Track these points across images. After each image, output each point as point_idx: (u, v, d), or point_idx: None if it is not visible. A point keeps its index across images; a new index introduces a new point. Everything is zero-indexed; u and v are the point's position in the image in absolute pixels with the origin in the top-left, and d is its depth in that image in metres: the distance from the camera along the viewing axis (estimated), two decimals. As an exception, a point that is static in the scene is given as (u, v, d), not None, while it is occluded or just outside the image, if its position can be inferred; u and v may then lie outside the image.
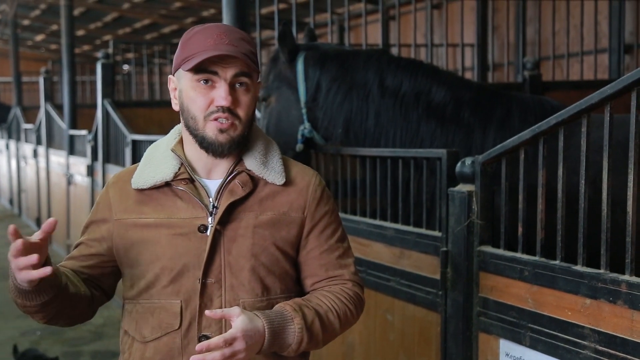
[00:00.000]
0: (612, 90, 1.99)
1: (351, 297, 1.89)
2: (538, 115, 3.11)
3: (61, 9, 9.21)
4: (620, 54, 6.43)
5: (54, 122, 9.93)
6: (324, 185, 1.96)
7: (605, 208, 2.05)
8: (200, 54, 1.74)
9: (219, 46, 1.74)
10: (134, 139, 6.10)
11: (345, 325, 1.89)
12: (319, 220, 1.90)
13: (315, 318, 1.78)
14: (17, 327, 6.22)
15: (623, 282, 1.95)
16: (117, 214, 1.86)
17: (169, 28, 14.17)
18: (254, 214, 1.83)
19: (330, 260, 1.90)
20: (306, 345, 1.77)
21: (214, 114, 1.76)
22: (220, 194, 1.83)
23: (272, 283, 1.85)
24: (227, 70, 1.75)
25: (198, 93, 1.77)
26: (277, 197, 1.87)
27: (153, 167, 1.86)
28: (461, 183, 2.63)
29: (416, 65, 3.52)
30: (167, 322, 1.80)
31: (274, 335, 1.71)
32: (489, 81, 7.28)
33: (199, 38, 1.78)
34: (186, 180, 1.83)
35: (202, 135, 1.79)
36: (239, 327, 1.65)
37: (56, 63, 12.16)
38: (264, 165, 1.87)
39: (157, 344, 1.81)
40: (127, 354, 1.87)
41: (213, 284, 1.79)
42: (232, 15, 3.48)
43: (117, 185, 1.90)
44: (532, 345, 2.28)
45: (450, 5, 7.09)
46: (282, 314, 1.75)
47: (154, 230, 1.81)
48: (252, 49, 1.81)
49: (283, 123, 3.59)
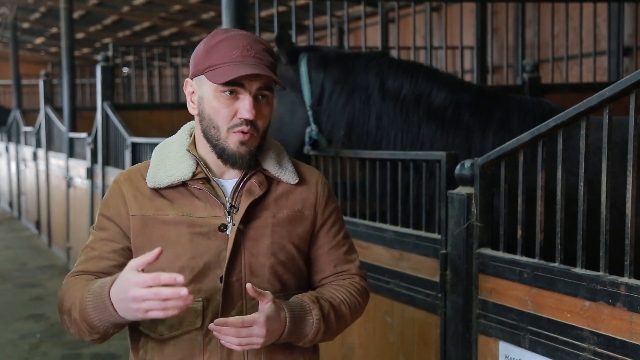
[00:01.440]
0: (611, 92, 1.99)
1: (359, 290, 1.96)
2: (537, 118, 3.11)
3: (61, 11, 9.22)
4: (619, 56, 6.43)
5: (53, 124, 9.93)
6: (329, 183, 2.03)
7: (604, 210, 2.05)
8: (227, 66, 1.74)
9: (246, 59, 1.75)
10: (133, 141, 6.10)
11: (355, 317, 1.96)
12: (328, 217, 1.96)
13: (330, 310, 1.85)
14: (16, 330, 6.22)
15: (622, 284, 1.95)
16: (133, 210, 1.85)
17: (169, 31, 14.19)
18: (271, 213, 1.87)
19: (338, 256, 1.97)
20: (322, 336, 1.83)
21: (238, 127, 1.78)
22: (238, 193, 1.85)
23: (289, 280, 1.89)
24: (253, 83, 1.77)
25: (222, 104, 1.78)
26: (291, 196, 1.91)
27: (168, 166, 1.86)
28: (460, 185, 2.64)
29: (416, 68, 3.53)
30: (188, 320, 1.81)
31: (294, 324, 1.76)
32: (488, 84, 7.28)
33: (225, 47, 1.77)
34: (203, 180, 1.85)
35: (222, 146, 1.80)
36: (264, 313, 1.69)
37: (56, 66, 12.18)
38: (279, 165, 1.91)
39: (176, 341, 1.82)
40: (143, 351, 1.87)
41: (234, 283, 1.82)
42: (232, 17, 3.49)
43: (131, 182, 1.89)
44: (532, 347, 2.29)
45: (449, 7, 7.09)
46: (301, 304, 1.80)
47: (173, 228, 1.82)
48: (273, 60, 1.82)
49: (286, 125, 3.59)
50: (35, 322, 6.41)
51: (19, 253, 9.67)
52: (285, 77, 3.59)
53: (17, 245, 10.53)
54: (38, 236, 11.06)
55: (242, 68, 1.73)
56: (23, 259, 9.42)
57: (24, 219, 12.57)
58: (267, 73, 1.75)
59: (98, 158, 7.35)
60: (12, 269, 8.71)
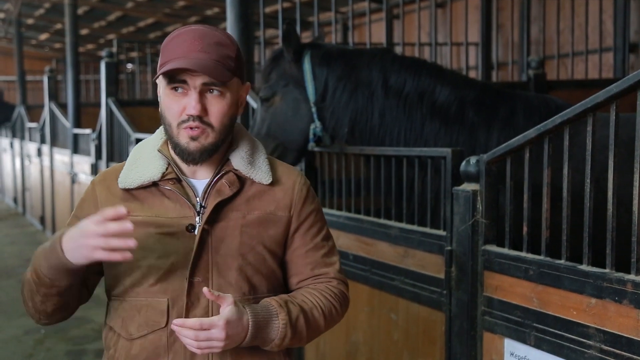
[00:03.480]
0: (617, 89, 1.98)
1: (336, 295, 1.90)
2: (543, 114, 3.10)
3: (65, 7, 9.22)
4: (625, 52, 6.41)
5: (58, 120, 9.95)
6: (309, 184, 1.97)
7: (610, 207, 2.04)
8: (172, 62, 1.74)
9: (189, 54, 1.73)
10: (137, 137, 6.10)
11: (330, 323, 1.90)
12: (305, 219, 1.91)
13: (300, 314, 1.80)
14: (21, 325, 6.23)
15: (628, 281, 1.94)
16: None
17: (173, 27, 14.17)
18: (242, 214, 1.84)
19: (316, 259, 1.92)
20: (289, 341, 1.78)
21: (186, 123, 1.77)
22: (207, 193, 1.84)
23: (259, 282, 1.86)
24: (196, 79, 1.75)
25: (171, 100, 1.78)
26: (264, 197, 1.87)
27: (140, 167, 1.86)
28: (466, 182, 2.63)
29: (420, 65, 3.51)
30: (153, 319, 1.81)
31: (257, 329, 1.72)
32: (493, 80, 7.27)
33: (173, 44, 1.78)
34: (173, 180, 1.84)
35: (176, 141, 1.80)
36: (223, 316, 1.66)
37: (60, 62, 12.20)
38: (251, 165, 1.87)
39: (143, 341, 1.82)
40: (113, 350, 1.87)
41: (200, 283, 1.79)
42: (236, 13, 3.49)
43: (104, 183, 1.90)
44: (537, 344, 2.28)
45: (454, 4, 7.07)
46: (267, 308, 1.76)
47: (142, 229, 1.80)
48: (229, 53, 1.78)
49: (290, 122, 3.57)
50: (40, 318, 6.42)
51: (23, 249, 9.69)
52: (289, 73, 3.58)
53: (21, 241, 10.55)
54: (42, 232, 11.09)
55: (178, 63, 1.72)
56: (27, 255, 9.43)
57: (28, 214, 12.60)
58: (203, 68, 1.71)
59: (102, 154, 7.37)
60: (17, 264, 8.73)
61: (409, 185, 3.22)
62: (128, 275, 1.83)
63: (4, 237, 10.87)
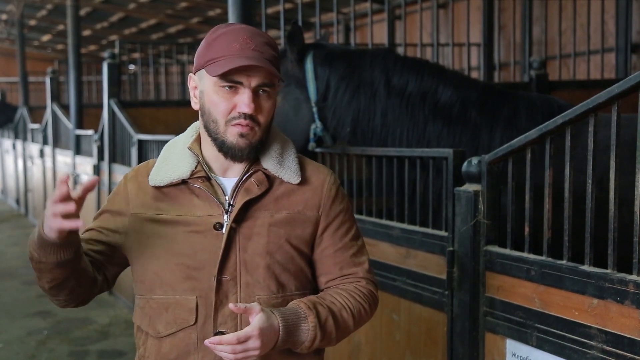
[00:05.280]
0: (619, 89, 1.98)
1: (365, 295, 1.90)
2: (545, 115, 3.10)
3: (67, 9, 9.23)
4: (627, 53, 6.40)
5: (60, 122, 9.96)
6: (339, 183, 1.97)
7: (612, 208, 2.04)
8: (226, 59, 1.74)
9: (245, 52, 1.74)
10: (140, 138, 6.10)
11: (359, 323, 1.91)
12: (334, 219, 1.91)
13: (329, 316, 1.81)
14: (24, 326, 6.24)
15: (630, 282, 1.94)
16: (134, 208, 1.87)
17: (175, 28, 14.19)
18: (270, 213, 1.85)
19: (345, 259, 1.92)
20: (319, 343, 1.79)
21: (236, 120, 1.77)
22: (236, 192, 1.85)
23: (287, 280, 1.86)
24: (252, 79, 1.76)
25: (221, 97, 1.78)
26: (293, 196, 1.88)
27: (170, 164, 1.88)
28: (467, 182, 2.63)
29: (422, 65, 3.51)
30: (182, 317, 1.82)
31: (288, 333, 1.73)
32: (496, 81, 7.26)
33: (225, 40, 1.77)
34: (203, 179, 1.85)
35: (222, 139, 1.80)
36: (255, 325, 1.67)
37: (62, 63, 12.19)
38: (280, 164, 1.88)
39: (173, 339, 1.83)
40: (142, 349, 1.89)
41: (229, 281, 1.81)
42: (238, 14, 3.48)
43: (136, 180, 1.92)
44: (539, 345, 2.28)
45: (456, 4, 7.07)
46: (296, 311, 1.77)
47: (170, 227, 1.83)
48: (275, 54, 1.81)
49: (291, 122, 3.58)
50: (42, 319, 6.43)
51: (25, 250, 9.68)
52: (291, 73, 3.58)
53: (24, 242, 10.52)
54: (45, 233, 11.07)
55: (240, 60, 1.73)
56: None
57: (30, 216, 12.60)
58: (265, 65, 1.73)
59: (104, 155, 7.37)
60: (19, 265, 8.73)
61: (411, 185, 3.22)
62: (156, 273, 1.85)
63: (7, 239, 10.88)
